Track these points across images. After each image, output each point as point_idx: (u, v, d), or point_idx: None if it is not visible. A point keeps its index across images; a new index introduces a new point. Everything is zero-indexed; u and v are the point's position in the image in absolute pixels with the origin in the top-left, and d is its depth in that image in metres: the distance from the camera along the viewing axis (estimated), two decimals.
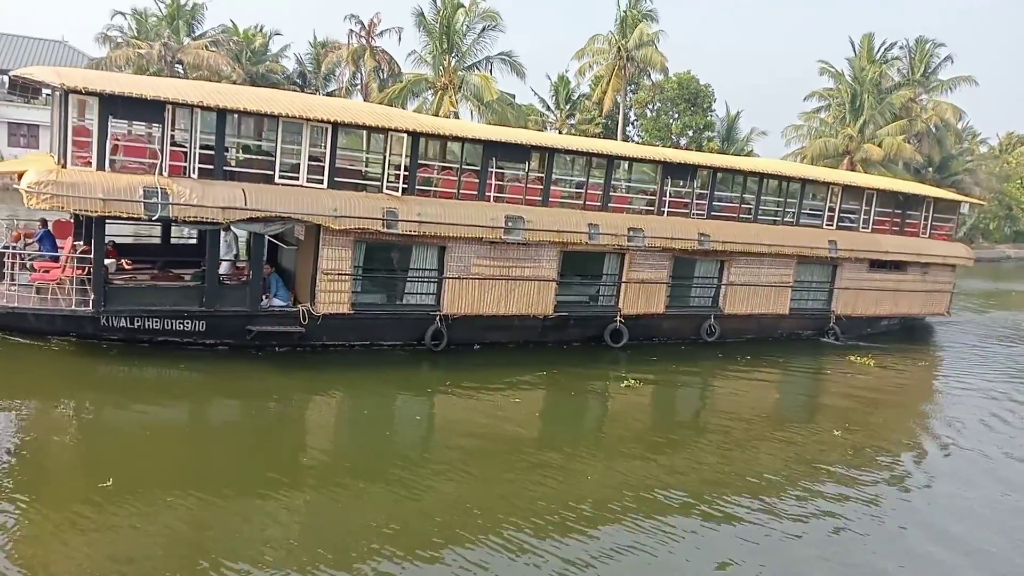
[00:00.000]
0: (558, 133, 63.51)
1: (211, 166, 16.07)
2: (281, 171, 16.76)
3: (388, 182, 17.76)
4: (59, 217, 18.11)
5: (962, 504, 12.76)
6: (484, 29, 54.02)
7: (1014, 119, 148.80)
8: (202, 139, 16.25)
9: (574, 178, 22.02)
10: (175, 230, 20.11)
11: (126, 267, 17.70)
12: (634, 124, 70.92)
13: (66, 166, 15.07)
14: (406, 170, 17.85)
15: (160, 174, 15.57)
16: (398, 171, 17.82)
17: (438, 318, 18.30)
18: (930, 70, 65.19)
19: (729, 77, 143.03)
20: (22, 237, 17.62)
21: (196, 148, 15.95)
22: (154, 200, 15.17)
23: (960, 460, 15.11)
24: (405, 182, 17.81)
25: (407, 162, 17.86)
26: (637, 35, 59.10)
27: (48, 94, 30.60)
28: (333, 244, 16.96)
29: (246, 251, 18.38)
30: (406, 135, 17.73)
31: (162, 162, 15.65)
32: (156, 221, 15.96)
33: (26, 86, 25.18)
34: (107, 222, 15.53)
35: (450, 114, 51.51)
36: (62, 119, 15.45)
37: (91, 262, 15.52)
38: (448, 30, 53.41)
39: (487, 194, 18.83)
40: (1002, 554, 11.07)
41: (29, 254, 16.77)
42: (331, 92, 64.48)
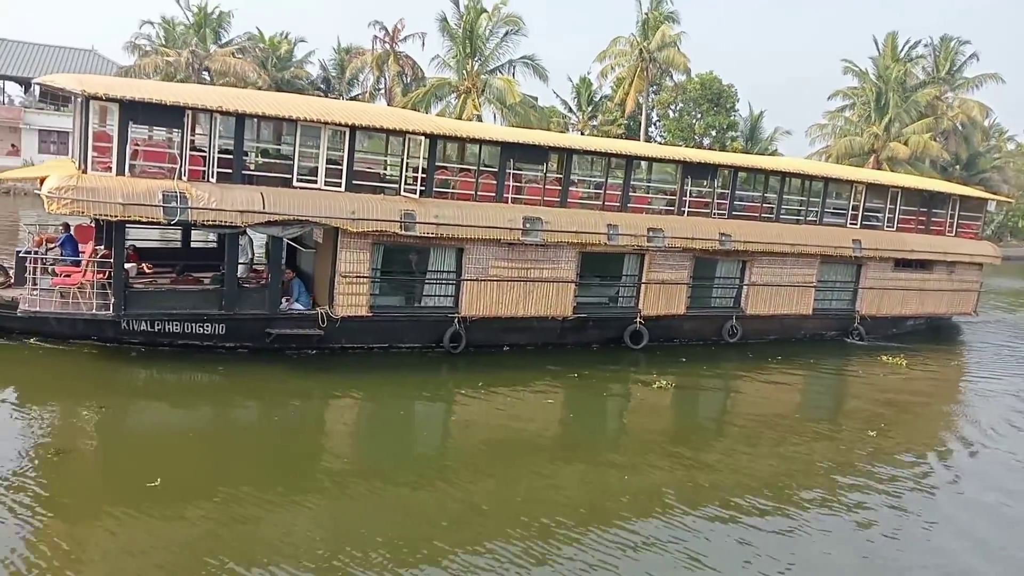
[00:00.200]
0: (580, 134, 63.44)
1: (230, 170, 16.14)
2: (299, 174, 16.80)
3: (406, 184, 17.75)
4: (80, 222, 18.28)
5: (1007, 513, 12.52)
6: (507, 33, 54.34)
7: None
8: (221, 144, 16.35)
9: (593, 179, 21.90)
10: (196, 234, 20.22)
11: (147, 271, 17.81)
12: (656, 125, 70.70)
13: (86, 171, 15.20)
14: (424, 172, 17.84)
15: (179, 178, 15.64)
16: (416, 174, 17.81)
17: (456, 320, 18.25)
18: (955, 67, 64.55)
19: (743, 77, 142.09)
20: (44, 242, 17.78)
21: (215, 152, 16.03)
22: (173, 204, 15.26)
23: (994, 462, 14.93)
24: (423, 184, 17.79)
25: (425, 164, 17.85)
26: (659, 37, 59.09)
27: None
28: (351, 247, 16.97)
29: (265, 255, 18.45)
30: (424, 137, 17.73)
31: (181, 166, 15.73)
32: (175, 225, 16.03)
33: (57, 94, 25.52)
34: (127, 226, 15.65)
35: (473, 117, 51.71)
36: (83, 125, 15.59)
37: (112, 266, 15.65)
38: (471, 35, 53.70)
39: (505, 195, 18.76)
40: None
41: (51, 259, 16.93)
42: (354, 97, 64.96)
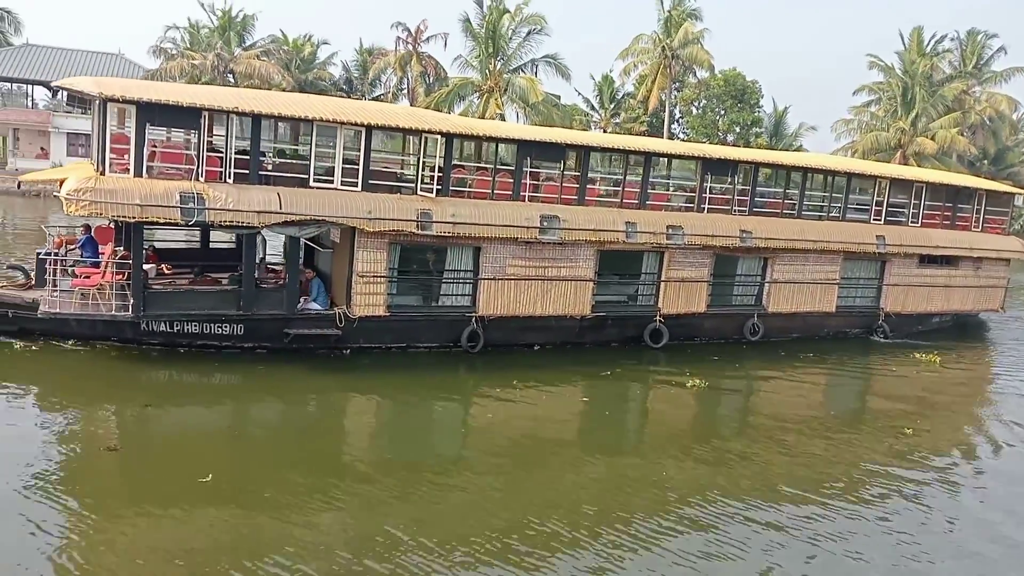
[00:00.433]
0: (603, 132, 63.25)
1: (247, 171, 16.18)
2: (316, 174, 16.82)
3: (422, 184, 17.71)
4: (101, 223, 18.40)
5: None
6: (529, 33, 54.42)
7: None
8: (238, 144, 16.39)
9: (611, 176, 21.74)
10: (215, 234, 20.31)
11: (166, 272, 17.90)
12: (679, 122, 70.36)
13: (104, 173, 15.28)
14: (440, 171, 17.80)
15: (196, 179, 15.71)
16: (433, 173, 17.77)
17: (474, 319, 18.18)
18: (982, 61, 63.69)
19: (768, 71, 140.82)
20: (64, 244, 17.92)
21: (232, 153, 16.08)
22: (190, 205, 15.31)
23: None
24: (439, 183, 17.75)
25: (441, 163, 17.81)
26: (682, 34, 58.84)
27: None
28: (368, 246, 16.95)
29: (284, 255, 18.49)
30: (440, 136, 17.68)
31: (198, 167, 15.79)
32: (193, 226, 16.09)
33: (83, 98, 25.74)
34: (146, 227, 15.73)
35: (496, 116, 51.83)
36: (100, 127, 15.68)
37: (130, 267, 15.73)
38: (494, 35, 53.87)
39: (522, 194, 18.66)
40: None
41: (71, 260, 17.05)
42: (377, 97, 65.25)
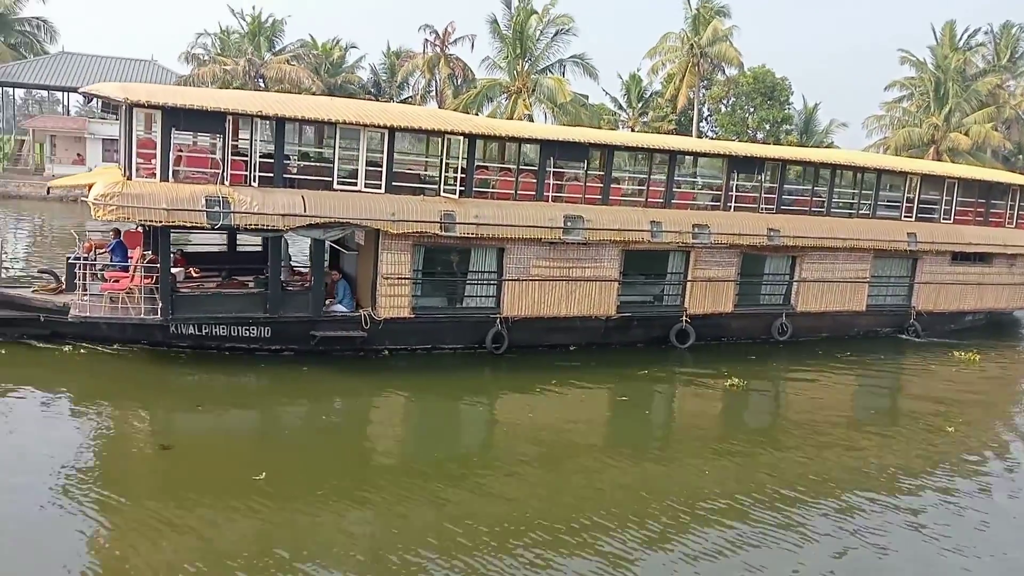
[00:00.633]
0: (631, 131, 63.02)
1: (271, 174, 16.30)
2: (339, 177, 16.91)
3: (445, 185, 17.73)
4: (130, 227, 18.64)
5: None
6: (557, 33, 54.52)
7: None
8: (262, 148, 16.51)
9: (636, 175, 21.61)
10: (242, 237, 20.47)
11: (194, 275, 18.09)
12: (708, 120, 69.88)
13: (131, 178, 15.46)
14: (463, 172, 17.79)
15: (222, 183, 15.86)
16: (456, 174, 17.78)
17: (498, 321, 18.15)
18: (1017, 55, 62.66)
19: (798, 67, 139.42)
20: (93, 248, 18.16)
21: (256, 157, 16.20)
22: (216, 209, 15.45)
23: None
24: (462, 184, 17.75)
25: (464, 164, 17.80)
26: (711, 32, 58.46)
27: None
28: (392, 248, 16.99)
29: (310, 258, 18.60)
30: (463, 137, 17.69)
31: (224, 172, 15.94)
32: (219, 230, 16.24)
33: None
34: (173, 231, 15.90)
35: (524, 117, 51.95)
36: (127, 132, 15.88)
37: (159, 271, 15.90)
38: (522, 35, 54.05)
39: (546, 194, 18.61)
40: None
41: (100, 264, 17.28)
42: (405, 100, 65.60)
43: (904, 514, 11.48)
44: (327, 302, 17.23)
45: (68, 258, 17.79)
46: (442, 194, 17.63)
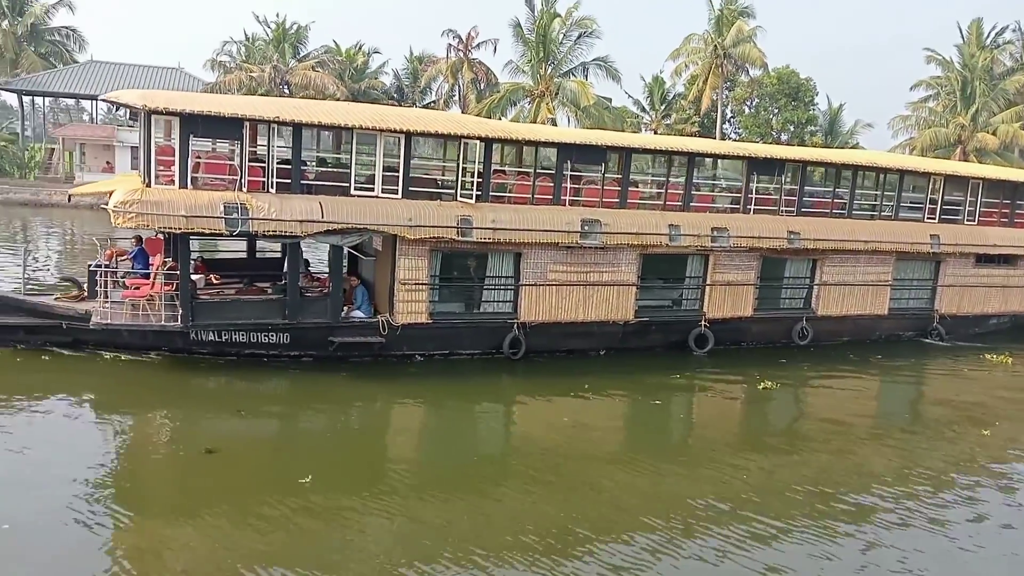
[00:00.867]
0: (654, 134, 62.83)
1: (289, 180, 16.40)
2: (357, 183, 16.99)
3: (462, 190, 17.75)
4: (151, 234, 18.82)
5: None
6: (580, 36, 54.56)
7: None
8: (280, 154, 16.62)
9: (655, 178, 21.51)
10: (262, 243, 20.62)
11: (214, 282, 18.24)
12: (731, 121, 69.48)
13: (150, 185, 15.63)
14: (480, 177, 17.81)
15: (240, 190, 15.99)
16: (472, 179, 17.80)
17: (516, 326, 18.13)
18: None
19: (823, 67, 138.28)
20: (115, 255, 18.37)
21: (274, 163, 16.32)
22: (234, 216, 15.56)
23: None
24: (479, 189, 17.76)
25: (481, 168, 17.82)
26: (734, 33, 58.19)
27: None
28: (409, 254, 17.03)
29: (328, 264, 18.68)
30: (479, 141, 17.70)
31: (241, 178, 16.07)
32: (237, 236, 16.35)
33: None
34: (192, 238, 16.04)
35: (547, 121, 52.00)
36: (146, 139, 16.05)
37: (179, 278, 16.05)
38: (544, 39, 54.16)
39: (563, 198, 18.57)
40: None
41: (121, 271, 17.46)
42: (428, 104, 65.83)
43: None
44: (345, 308, 17.31)
45: (89, 265, 18.00)
46: (459, 199, 17.66)
